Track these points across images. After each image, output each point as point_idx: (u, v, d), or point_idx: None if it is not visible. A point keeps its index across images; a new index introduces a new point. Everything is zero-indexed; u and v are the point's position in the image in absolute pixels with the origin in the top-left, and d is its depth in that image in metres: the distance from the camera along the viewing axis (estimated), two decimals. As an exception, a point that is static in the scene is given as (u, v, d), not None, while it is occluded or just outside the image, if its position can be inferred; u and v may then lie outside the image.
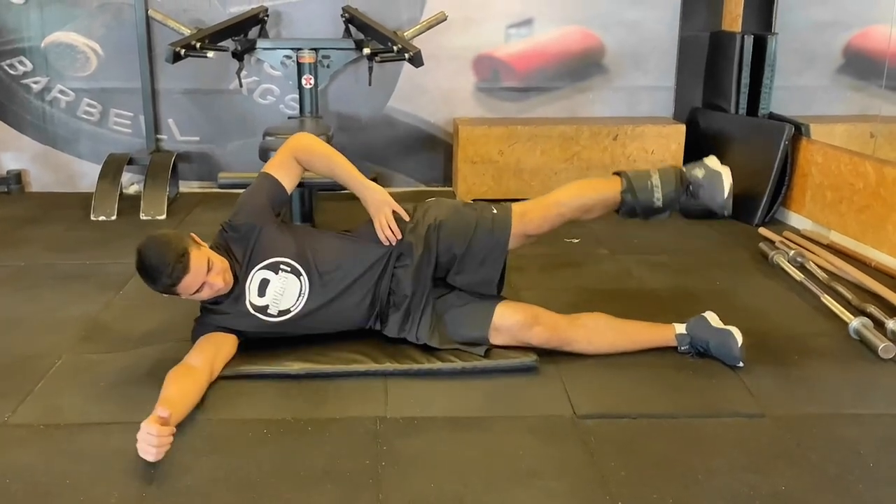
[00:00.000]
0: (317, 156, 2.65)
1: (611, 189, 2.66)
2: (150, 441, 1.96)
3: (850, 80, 4.35)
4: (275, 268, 2.53)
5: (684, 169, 2.70)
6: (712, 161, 2.68)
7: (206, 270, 2.37)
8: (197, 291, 2.39)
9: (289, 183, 2.64)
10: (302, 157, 2.64)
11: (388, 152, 5.08)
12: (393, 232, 2.60)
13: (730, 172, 2.64)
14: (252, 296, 2.52)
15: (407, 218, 2.65)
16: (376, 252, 2.61)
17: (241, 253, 2.53)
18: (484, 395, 2.41)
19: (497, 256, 2.62)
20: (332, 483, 1.97)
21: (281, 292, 2.53)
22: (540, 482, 1.98)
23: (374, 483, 1.97)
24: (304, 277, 2.54)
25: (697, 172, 2.66)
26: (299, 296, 2.54)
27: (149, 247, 2.36)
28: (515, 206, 2.67)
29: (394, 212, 2.64)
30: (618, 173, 2.69)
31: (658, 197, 2.63)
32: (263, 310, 2.53)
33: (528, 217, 2.65)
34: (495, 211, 2.67)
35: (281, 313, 2.54)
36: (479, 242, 2.61)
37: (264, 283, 2.52)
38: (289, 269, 2.53)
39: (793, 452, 2.12)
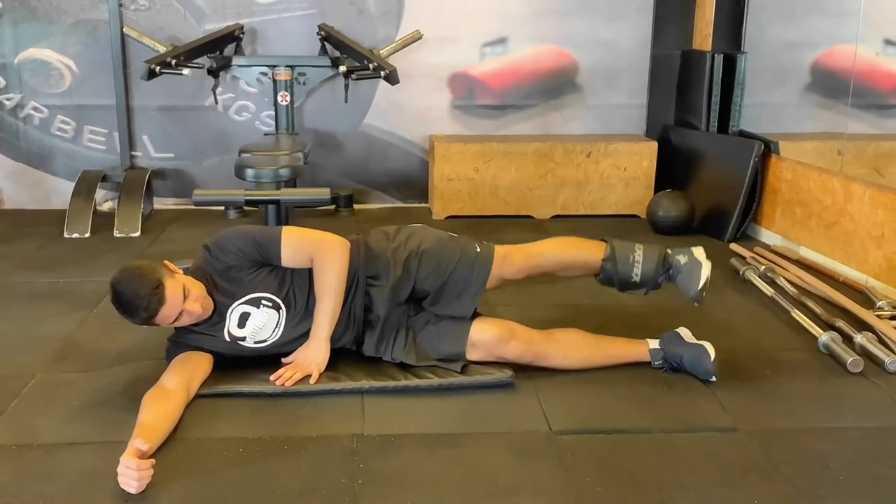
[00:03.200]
0: (327, 275, 2.52)
1: (594, 253, 2.70)
2: (131, 476, 1.95)
3: (818, 98, 4.44)
4: (256, 303, 2.53)
5: (669, 251, 2.72)
6: (699, 252, 2.71)
7: (183, 298, 2.37)
8: (176, 320, 2.39)
9: (290, 263, 2.54)
10: (317, 260, 2.53)
11: (364, 169, 5.10)
12: (283, 381, 2.48)
13: (710, 267, 2.65)
14: (232, 326, 2.52)
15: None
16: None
17: (223, 284, 2.51)
18: (460, 412, 2.42)
19: (474, 293, 2.64)
20: (308, 502, 1.96)
21: (261, 326, 2.54)
22: (516, 498, 1.99)
23: (351, 501, 1.97)
24: (283, 311, 2.55)
25: (681, 258, 2.69)
26: (276, 327, 2.55)
27: (122, 281, 2.35)
28: (499, 248, 2.69)
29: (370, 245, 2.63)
30: (605, 239, 2.73)
31: (637, 273, 2.66)
32: (241, 339, 2.54)
33: (509, 261, 2.67)
34: (479, 249, 2.68)
35: (258, 342, 2.55)
36: (458, 277, 2.63)
37: (245, 316, 2.52)
38: (270, 304, 2.54)
39: (764, 466, 2.15)
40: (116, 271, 2.40)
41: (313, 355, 2.54)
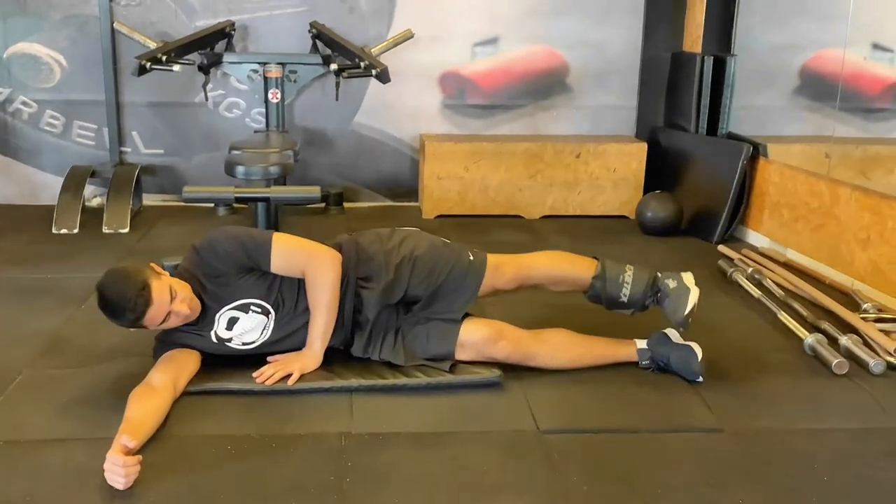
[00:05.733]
0: (320, 290, 2.51)
1: (584, 270, 2.72)
2: (117, 472, 1.96)
3: (806, 101, 4.46)
4: (245, 308, 2.53)
5: (659, 275, 2.74)
6: (688, 278, 2.72)
7: (170, 299, 2.36)
8: (164, 321, 2.39)
9: (280, 271, 2.53)
10: (310, 274, 2.52)
11: (354, 167, 5.10)
12: (263, 378, 2.49)
13: (698, 294, 2.66)
14: (220, 328, 2.53)
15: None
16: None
17: (211, 287, 2.50)
18: (448, 411, 2.43)
19: (466, 300, 2.65)
20: (296, 499, 1.97)
21: (248, 329, 2.54)
22: (504, 497, 2.00)
23: (338, 499, 1.97)
24: (272, 315, 2.55)
25: (670, 283, 2.70)
26: (263, 330, 2.55)
27: (108, 284, 2.35)
28: (491, 258, 2.71)
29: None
30: (597, 258, 2.75)
31: (625, 293, 2.68)
32: (228, 340, 2.54)
33: (501, 271, 2.68)
34: (472, 258, 2.69)
35: (245, 344, 2.56)
36: (450, 284, 2.64)
37: (233, 321, 2.53)
38: (259, 309, 2.54)
39: (749, 466, 2.17)
40: (102, 275, 2.39)
41: (301, 359, 2.55)
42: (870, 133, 4.09)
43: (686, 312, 2.62)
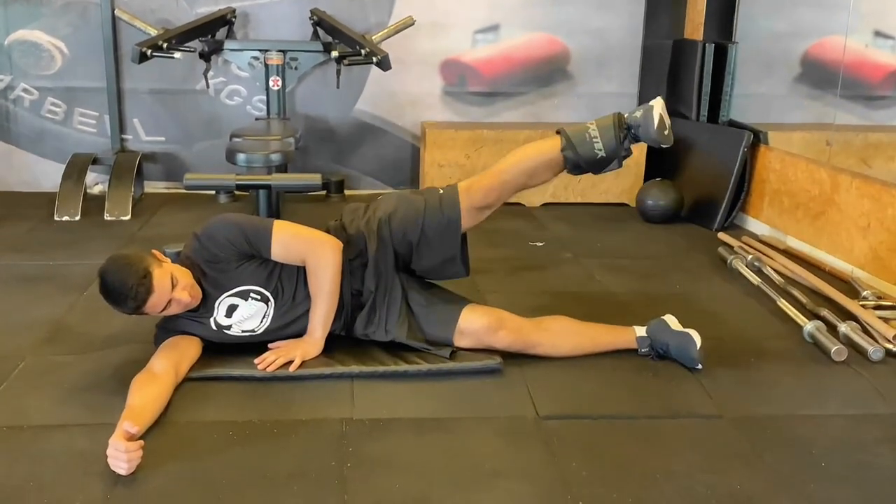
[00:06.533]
0: (321, 278, 2.52)
1: (551, 149, 2.62)
2: (120, 458, 1.97)
3: (807, 88, 4.46)
4: (244, 295, 2.54)
5: (624, 115, 2.63)
6: (656, 102, 2.60)
7: (171, 287, 2.37)
8: (165, 309, 2.40)
9: (281, 259, 2.54)
10: (310, 262, 2.53)
11: (355, 155, 5.10)
12: (265, 364, 2.50)
13: (662, 102, 2.56)
14: (219, 316, 2.54)
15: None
16: None
17: (211, 273, 2.51)
18: (449, 397, 2.44)
19: (452, 234, 2.62)
20: (297, 484, 1.98)
21: (248, 316, 2.55)
22: (503, 483, 2.02)
23: (339, 484, 1.99)
24: (272, 302, 2.56)
25: (636, 114, 2.60)
26: (263, 317, 2.56)
27: (109, 271, 2.35)
28: (461, 183, 2.68)
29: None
30: (558, 131, 2.66)
31: (599, 147, 2.57)
32: (227, 328, 2.55)
33: (473, 189, 2.63)
34: (441, 191, 2.68)
35: (244, 331, 2.57)
36: (431, 224, 2.62)
37: (232, 308, 2.53)
38: (258, 297, 2.55)
39: (748, 453, 2.18)
40: (104, 261, 2.40)
41: (302, 346, 2.56)
42: (871, 121, 4.09)
43: (656, 125, 2.52)
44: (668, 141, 2.58)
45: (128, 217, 4.37)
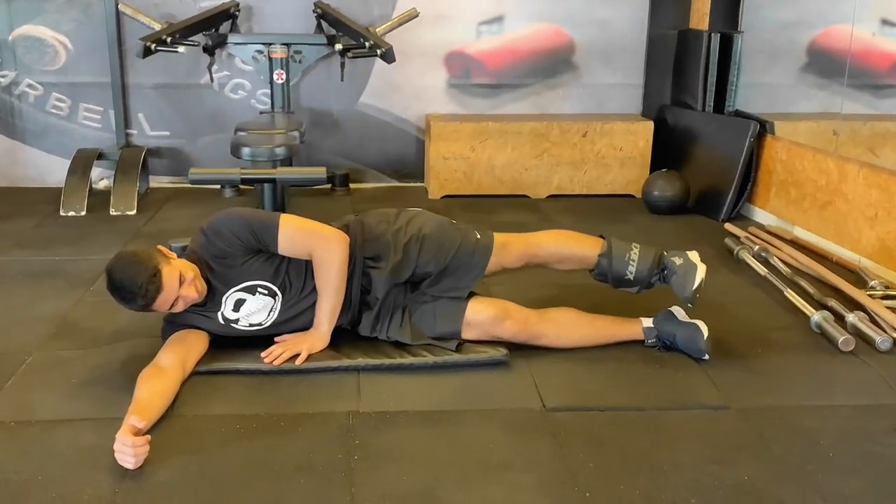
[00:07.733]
0: (328, 272, 2.52)
1: (591, 248, 2.72)
2: (127, 452, 1.97)
3: (814, 78, 4.43)
4: (252, 290, 2.54)
5: (665, 253, 2.75)
6: (694, 255, 2.73)
7: (179, 285, 2.37)
8: (172, 306, 2.41)
9: (287, 253, 2.54)
10: (317, 256, 2.53)
11: (360, 148, 5.09)
12: (271, 358, 2.51)
13: (705, 270, 2.69)
14: (226, 310, 2.54)
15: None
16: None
17: (218, 269, 2.51)
18: (455, 390, 2.44)
19: (473, 277, 2.66)
20: (304, 477, 1.99)
21: (255, 311, 2.55)
22: (510, 475, 2.02)
23: (346, 477, 1.99)
24: (279, 297, 2.56)
25: (676, 260, 2.71)
26: (270, 311, 2.57)
27: (118, 269, 2.35)
28: (498, 236, 2.71)
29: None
30: (603, 236, 2.76)
31: (631, 271, 2.69)
32: (234, 321, 2.55)
33: (508, 249, 2.69)
34: (479, 236, 2.70)
35: (252, 325, 2.57)
36: (458, 262, 2.64)
37: (240, 302, 2.54)
38: (266, 291, 2.55)
39: (755, 444, 2.17)
40: (111, 258, 2.40)
41: (309, 339, 2.56)
42: (878, 110, 4.06)
43: (694, 288, 2.63)
44: (693, 303, 2.68)
45: (133, 212, 4.37)
